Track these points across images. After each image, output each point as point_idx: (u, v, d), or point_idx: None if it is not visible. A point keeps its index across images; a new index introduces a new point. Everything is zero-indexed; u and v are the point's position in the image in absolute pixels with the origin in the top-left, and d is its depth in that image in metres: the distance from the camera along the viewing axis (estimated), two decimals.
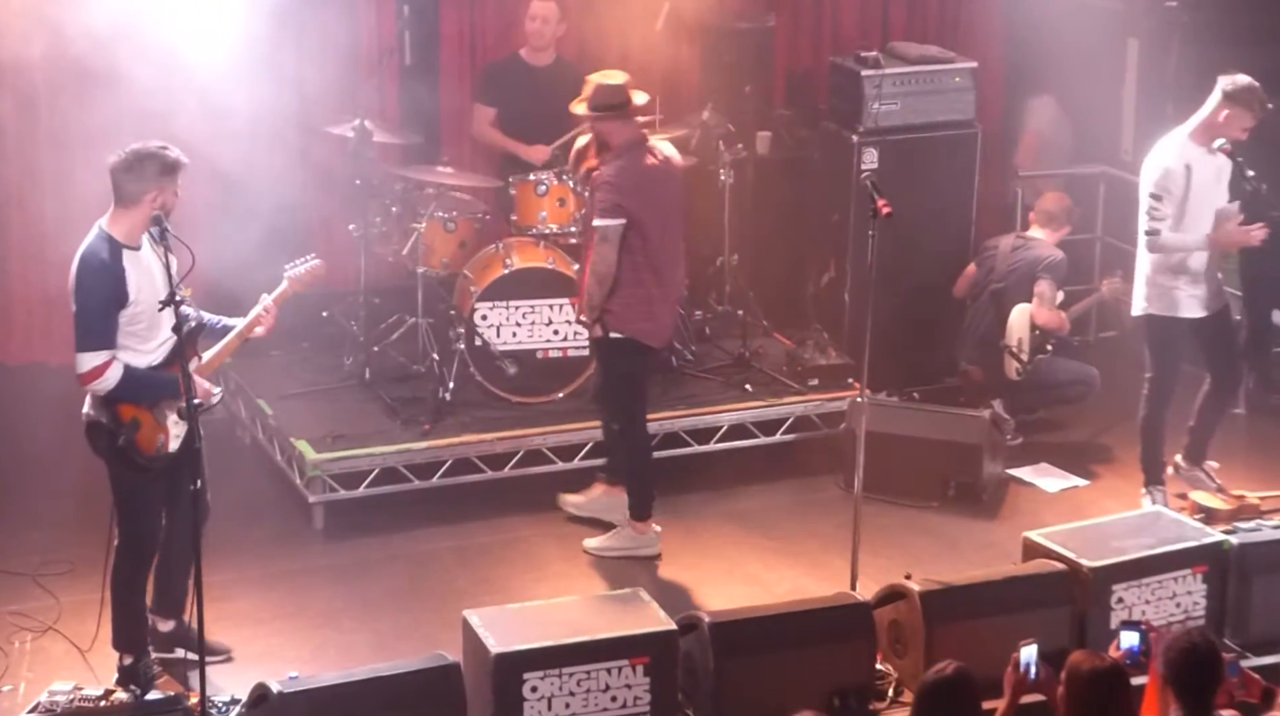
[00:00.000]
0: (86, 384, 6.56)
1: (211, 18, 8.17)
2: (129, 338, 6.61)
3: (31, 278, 9.40)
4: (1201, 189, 8.21)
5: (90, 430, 6.71)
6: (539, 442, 8.64)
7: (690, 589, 7.79)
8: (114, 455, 6.71)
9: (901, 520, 8.43)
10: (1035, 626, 6.81)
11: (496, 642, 6.42)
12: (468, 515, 8.43)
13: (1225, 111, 8.14)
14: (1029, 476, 8.96)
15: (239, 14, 8.25)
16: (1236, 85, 8.15)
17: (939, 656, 6.12)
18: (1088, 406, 9.53)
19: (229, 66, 8.14)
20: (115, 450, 6.67)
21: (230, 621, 7.36)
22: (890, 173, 9.12)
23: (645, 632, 6.59)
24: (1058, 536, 7.32)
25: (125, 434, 6.64)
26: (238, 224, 8.63)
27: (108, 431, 6.66)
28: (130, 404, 6.65)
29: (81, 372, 6.54)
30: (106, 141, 6.86)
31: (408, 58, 9.87)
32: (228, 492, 7.75)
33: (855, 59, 9.68)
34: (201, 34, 8.09)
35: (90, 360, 6.52)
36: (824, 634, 6.79)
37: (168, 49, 8.02)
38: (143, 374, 6.63)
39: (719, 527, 8.36)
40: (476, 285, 8.81)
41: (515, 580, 7.92)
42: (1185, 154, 8.19)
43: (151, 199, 6.56)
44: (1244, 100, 8.12)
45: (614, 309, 7.81)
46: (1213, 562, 7.25)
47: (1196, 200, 8.21)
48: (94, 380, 6.53)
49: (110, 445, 6.67)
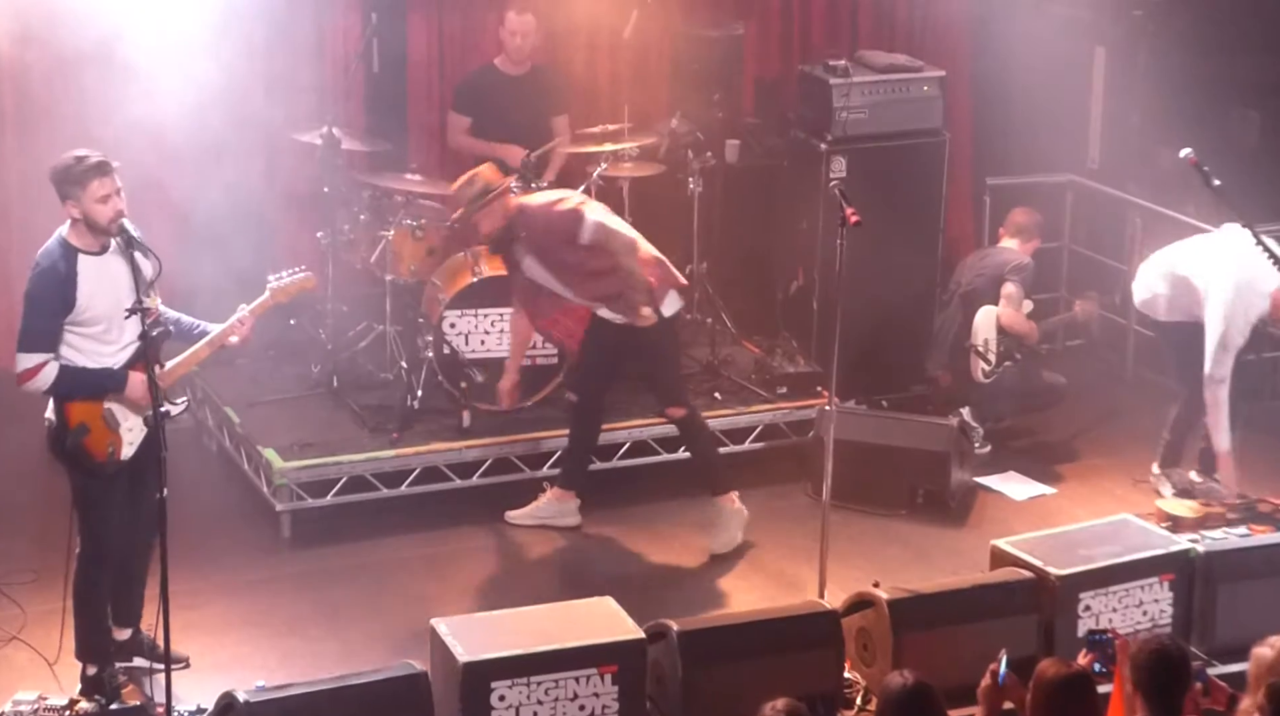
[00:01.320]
0: (21, 383, 6.60)
1: (178, 25, 8.15)
2: (86, 340, 6.61)
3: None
4: None
5: (48, 434, 6.72)
6: (507, 451, 8.63)
7: (659, 597, 7.78)
8: (67, 459, 6.70)
9: (870, 528, 8.44)
10: (1003, 634, 6.80)
11: (464, 651, 6.40)
12: (436, 523, 8.41)
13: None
14: (997, 484, 8.99)
15: (206, 21, 8.23)
16: None
17: (907, 665, 6.12)
18: (1056, 415, 9.56)
19: (196, 74, 8.12)
20: (67, 454, 6.67)
21: (196, 630, 7.33)
22: (859, 181, 9.13)
23: (613, 641, 6.58)
24: (1025, 544, 7.34)
25: (72, 437, 6.63)
26: (206, 231, 8.62)
27: (56, 433, 6.67)
28: (80, 405, 6.63)
29: (17, 372, 6.59)
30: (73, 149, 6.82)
31: (376, 65, 9.84)
32: (194, 501, 7.74)
33: (824, 67, 9.70)
34: (168, 42, 8.06)
35: (26, 361, 6.56)
36: (792, 642, 6.80)
37: (134, 57, 7.99)
38: (80, 371, 6.61)
39: (687, 536, 8.35)
40: (445, 293, 8.80)
41: (483, 588, 7.90)
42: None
43: (71, 206, 6.54)
44: None
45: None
46: (1179, 571, 7.27)
47: None
48: (28, 380, 6.57)
49: (60, 447, 6.68)
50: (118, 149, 6.81)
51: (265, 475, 8.36)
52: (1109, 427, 9.23)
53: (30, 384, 6.59)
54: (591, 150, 9.27)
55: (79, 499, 6.77)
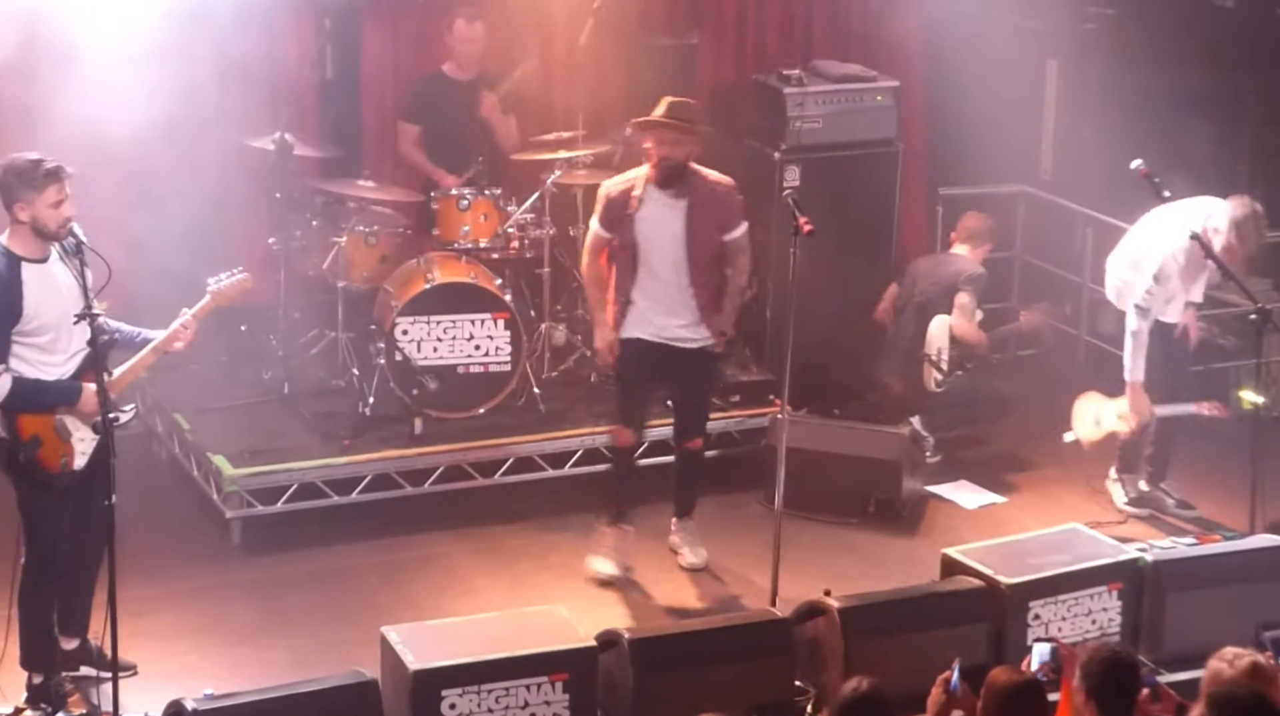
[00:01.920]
0: None
1: (129, 30, 8.10)
2: (32, 350, 6.53)
3: None
4: None
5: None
6: (460, 458, 8.61)
7: (610, 605, 7.77)
8: (16, 472, 6.61)
9: (822, 536, 8.46)
10: (954, 642, 6.85)
11: (415, 659, 6.38)
12: (387, 531, 8.39)
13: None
14: (948, 493, 9.02)
15: (157, 27, 8.19)
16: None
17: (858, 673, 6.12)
18: (1007, 424, 9.59)
19: (147, 79, 8.08)
20: (17, 467, 6.58)
21: (145, 637, 7.28)
22: (812, 190, 9.16)
23: (565, 649, 6.57)
24: (976, 553, 7.37)
25: (25, 451, 6.55)
26: (157, 236, 8.57)
27: (8, 448, 6.56)
28: (30, 418, 6.55)
29: None
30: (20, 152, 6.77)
31: (329, 71, 9.82)
32: (143, 508, 7.69)
33: (778, 77, 9.72)
34: (119, 46, 8.02)
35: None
36: (744, 650, 6.80)
37: (85, 62, 7.95)
38: (34, 383, 6.53)
39: (640, 543, 8.33)
40: (398, 300, 8.77)
41: (435, 596, 7.88)
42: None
43: (20, 209, 6.47)
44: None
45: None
46: (1128, 579, 7.31)
47: None
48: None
49: (11, 462, 6.58)
50: (66, 153, 6.75)
51: (215, 482, 8.31)
52: (1060, 437, 9.25)
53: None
54: (546, 157, 9.26)
55: (26, 509, 6.69)
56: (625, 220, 7.86)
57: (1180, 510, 8.74)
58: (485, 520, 8.54)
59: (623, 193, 7.89)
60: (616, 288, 7.97)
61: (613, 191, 7.94)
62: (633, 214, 7.83)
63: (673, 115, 7.80)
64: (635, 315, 7.94)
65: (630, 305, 7.93)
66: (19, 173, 6.47)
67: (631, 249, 7.87)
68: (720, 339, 8.01)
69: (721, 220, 7.89)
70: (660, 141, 7.79)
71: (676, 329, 7.92)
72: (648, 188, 7.85)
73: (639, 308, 7.92)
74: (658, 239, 7.84)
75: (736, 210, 7.97)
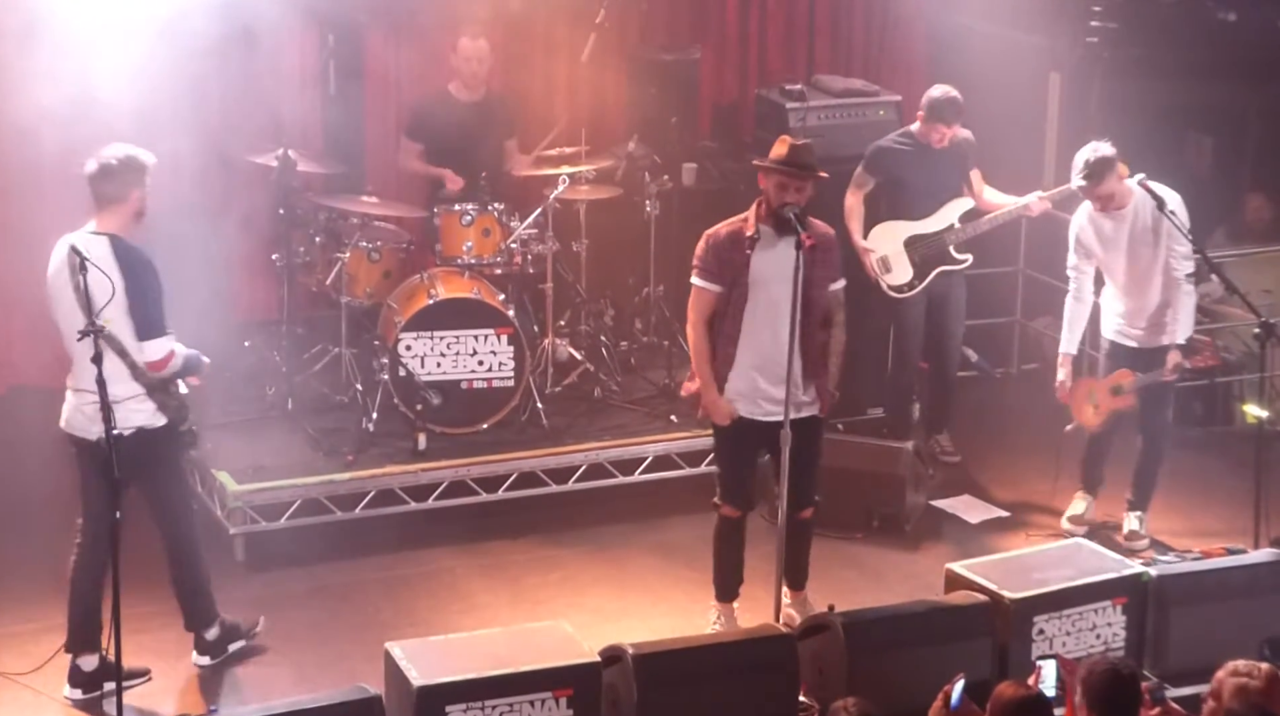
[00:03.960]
0: (159, 370, 6.92)
1: (134, 45, 8.11)
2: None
3: None
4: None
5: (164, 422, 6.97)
6: (463, 474, 8.61)
7: (614, 620, 7.77)
8: (177, 445, 7.10)
9: (825, 551, 8.43)
10: (957, 657, 6.84)
11: (419, 675, 6.38)
12: (391, 546, 8.39)
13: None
14: (951, 507, 9.01)
15: (163, 42, 8.20)
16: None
17: (861, 688, 6.13)
18: (1011, 437, 9.58)
19: (152, 95, 8.10)
20: (180, 438, 7.07)
21: (149, 653, 7.29)
22: (815, 205, 9.12)
23: (568, 665, 6.56)
24: (979, 568, 7.35)
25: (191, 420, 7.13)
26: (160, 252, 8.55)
27: (177, 417, 7.01)
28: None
29: (153, 360, 6.88)
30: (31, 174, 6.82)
31: (332, 87, 9.83)
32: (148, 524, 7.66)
33: (780, 91, 9.73)
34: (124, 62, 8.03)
35: (160, 347, 6.90)
36: (747, 665, 6.78)
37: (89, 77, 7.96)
38: (190, 353, 7.08)
39: (643, 559, 8.35)
40: (401, 315, 8.78)
41: (439, 612, 7.88)
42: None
43: (138, 198, 6.93)
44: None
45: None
46: (1132, 594, 7.29)
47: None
48: (167, 364, 6.93)
49: (172, 434, 7.01)
50: (68, 168, 6.79)
51: (219, 498, 8.32)
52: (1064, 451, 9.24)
53: (169, 368, 6.94)
54: (549, 173, 9.28)
55: (180, 486, 7.28)
56: (738, 261, 7.32)
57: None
58: (489, 535, 8.54)
59: (733, 233, 7.38)
60: (718, 339, 7.43)
61: (719, 233, 7.41)
62: (749, 255, 7.32)
63: (799, 160, 7.31)
64: (739, 379, 7.39)
65: (734, 362, 7.39)
66: (141, 163, 6.95)
67: (741, 294, 7.34)
68: (828, 404, 7.57)
69: (830, 269, 7.47)
70: (783, 187, 7.28)
71: (780, 395, 7.30)
72: (760, 228, 7.35)
73: (742, 365, 7.37)
74: (771, 281, 7.27)
75: (839, 260, 7.58)
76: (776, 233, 7.34)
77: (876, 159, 9.16)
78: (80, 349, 6.66)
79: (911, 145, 9.13)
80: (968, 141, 9.21)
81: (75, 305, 6.68)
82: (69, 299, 6.76)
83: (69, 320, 6.77)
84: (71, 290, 6.73)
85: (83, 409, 6.87)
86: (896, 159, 9.13)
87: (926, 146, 9.10)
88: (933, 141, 9.09)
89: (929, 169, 9.10)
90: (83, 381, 6.78)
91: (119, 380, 6.72)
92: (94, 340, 6.42)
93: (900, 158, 9.13)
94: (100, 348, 6.46)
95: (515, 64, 9.93)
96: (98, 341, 6.44)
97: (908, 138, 9.16)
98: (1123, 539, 8.55)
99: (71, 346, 6.81)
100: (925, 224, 9.15)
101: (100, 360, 6.45)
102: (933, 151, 9.10)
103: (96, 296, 6.58)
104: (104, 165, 6.88)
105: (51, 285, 6.91)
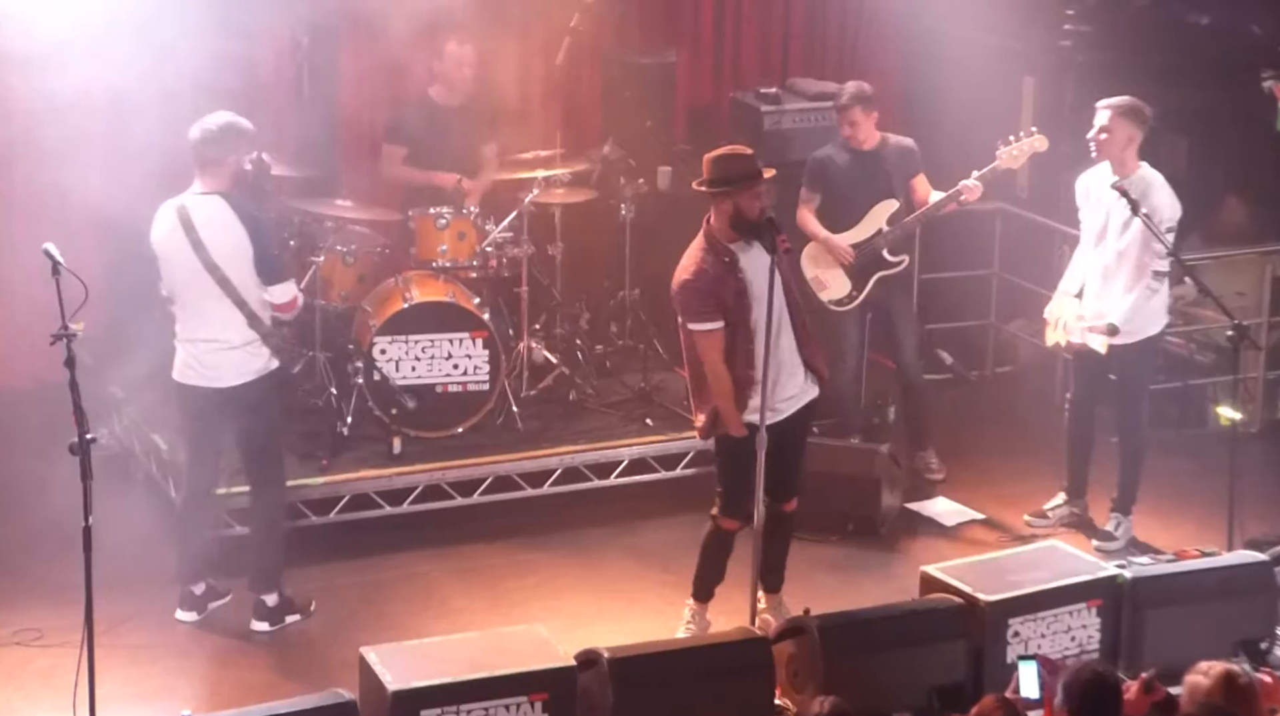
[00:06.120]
0: (290, 311, 7.59)
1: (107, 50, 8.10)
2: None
3: None
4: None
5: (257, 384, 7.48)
6: (438, 477, 8.59)
7: (590, 624, 7.76)
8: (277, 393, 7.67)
9: (801, 554, 8.42)
10: (933, 660, 6.88)
11: (394, 679, 6.36)
12: (366, 551, 8.37)
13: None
14: (926, 510, 9.02)
15: (135, 45, 8.18)
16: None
17: (837, 691, 6.13)
18: (985, 440, 9.60)
19: (124, 98, 8.08)
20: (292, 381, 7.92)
21: (123, 658, 7.27)
22: (790, 208, 9.16)
23: (544, 669, 6.55)
24: (955, 570, 7.36)
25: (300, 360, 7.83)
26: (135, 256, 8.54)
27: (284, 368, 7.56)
28: None
29: (284, 301, 7.50)
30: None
31: (306, 90, 9.81)
32: (121, 528, 7.63)
33: (755, 94, 9.75)
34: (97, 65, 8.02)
35: (288, 290, 7.54)
36: (723, 669, 6.79)
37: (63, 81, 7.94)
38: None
39: (619, 562, 8.34)
40: (375, 319, 8.76)
41: (414, 616, 7.86)
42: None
43: (235, 161, 7.50)
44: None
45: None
46: (1107, 596, 7.31)
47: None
48: (294, 306, 7.58)
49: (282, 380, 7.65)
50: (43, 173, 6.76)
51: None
52: (1038, 453, 9.28)
53: (295, 309, 7.61)
54: (524, 176, 9.27)
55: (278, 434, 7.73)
56: (733, 288, 7.25)
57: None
58: (464, 539, 8.53)
59: (713, 265, 7.28)
60: (736, 367, 7.28)
61: (698, 273, 7.26)
62: (742, 278, 7.24)
63: (759, 166, 7.37)
64: (757, 391, 7.22)
65: (751, 382, 7.25)
66: (244, 127, 7.53)
67: (744, 317, 7.26)
68: (822, 380, 7.54)
69: (793, 260, 7.66)
70: (756, 196, 7.28)
71: (793, 390, 7.38)
72: (731, 247, 7.31)
73: (756, 380, 7.22)
74: (764, 291, 7.16)
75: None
76: (747, 243, 7.31)
77: (812, 171, 9.12)
78: (200, 299, 7.37)
79: (840, 150, 9.08)
80: (907, 148, 9.12)
81: (192, 260, 7.34)
82: (184, 255, 7.37)
83: (184, 274, 7.40)
84: (190, 247, 7.34)
85: (203, 358, 7.45)
86: (826, 168, 9.09)
87: (857, 151, 9.03)
88: (856, 140, 8.99)
89: (856, 174, 9.01)
90: (200, 332, 7.42)
91: (234, 327, 7.38)
92: (66, 344, 6.38)
93: (830, 166, 9.08)
94: (71, 352, 6.41)
95: (490, 67, 9.91)
96: (69, 346, 6.39)
97: (836, 144, 9.12)
98: (1097, 540, 8.57)
99: (187, 299, 7.45)
100: (853, 233, 9.09)
101: (73, 364, 6.41)
102: (863, 155, 9.02)
103: (225, 253, 7.32)
104: (206, 130, 7.44)
105: (163, 247, 7.47)
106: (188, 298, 7.48)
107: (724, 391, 7.30)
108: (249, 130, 7.57)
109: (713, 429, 7.45)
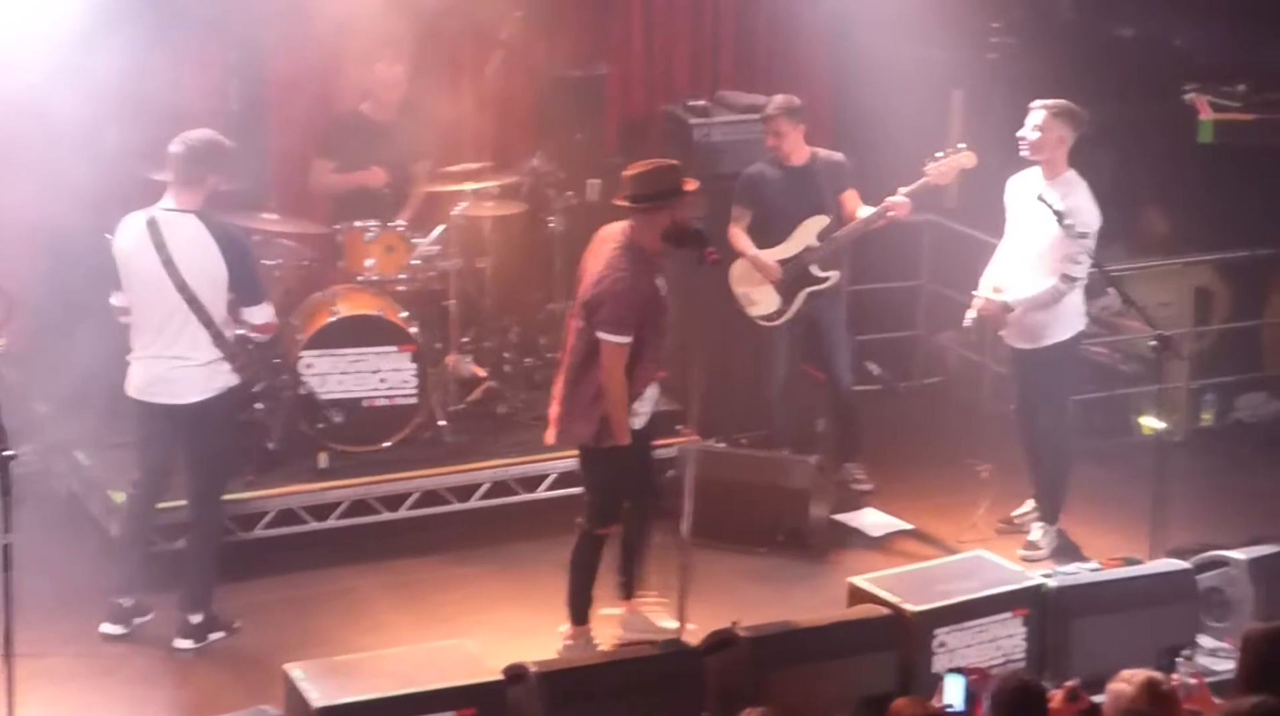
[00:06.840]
0: (269, 332, 7.70)
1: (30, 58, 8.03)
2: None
3: None
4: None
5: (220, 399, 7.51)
6: (365, 492, 8.56)
7: (519, 638, 7.73)
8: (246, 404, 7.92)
9: (730, 566, 8.47)
10: (862, 671, 6.90)
11: (319, 696, 6.32)
12: (294, 566, 8.32)
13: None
14: (854, 521, 9.05)
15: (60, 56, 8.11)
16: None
17: (766, 703, 6.13)
18: (912, 450, 9.64)
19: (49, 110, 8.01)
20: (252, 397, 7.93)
21: (43, 679, 7.18)
22: (719, 220, 9.18)
23: (472, 684, 6.53)
24: (882, 581, 7.39)
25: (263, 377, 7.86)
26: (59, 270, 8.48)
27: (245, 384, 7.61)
28: None
29: (264, 323, 7.60)
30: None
31: (234, 103, 9.74)
32: (42, 546, 7.57)
33: (685, 107, 9.75)
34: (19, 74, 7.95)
35: (270, 309, 7.65)
36: (652, 682, 6.79)
37: None
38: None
39: (548, 576, 8.29)
40: (303, 333, 8.72)
41: (343, 631, 7.82)
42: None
43: (215, 181, 7.47)
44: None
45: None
46: (1033, 605, 7.36)
47: None
48: (274, 326, 7.73)
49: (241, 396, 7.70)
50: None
51: (115, 519, 8.19)
52: (965, 464, 9.32)
53: (274, 330, 7.74)
54: (453, 189, 9.24)
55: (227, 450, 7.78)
56: (657, 303, 7.44)
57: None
58: (394, 554, 8.50)
59: (648, 280, 7.38)
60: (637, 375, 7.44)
61: (632, 286, 7.33)
62: (662, 294, 7.45)
63: (685, 179, 7.50)
64: (647, 399, 7.57)
65: (638, 394, 7.48)
66: (223, 147, 7.55)
67: (654, 326, 7.43)
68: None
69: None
70: (685, 206, 7.45)
71: (654, 392, 7.64)
72: (653, 261, 7.44)
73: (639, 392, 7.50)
74: (669, 304, 7.51)
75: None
76: (673, 251, 7.40)
77: (743, 188, 9.15)
78: (166, 317, 7.34)
79: (771, 167, 9.10)
80: (838, 163, 9.16)
81: (161, 277, 7.31)
82: (152, 272, 7.33)
83: (149, 290, 7.37)
84: (159, 264, 7.30)
85: (164, 375, 7.44)
86: (758, 185, 9.11)
87: (788, 167, 9.06)
88: (781, 153, 9.03)
89: (787, 190, 9.05)
90: (163, 348, 7.41)
91: (201, 346, 7.39)
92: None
93: (761, 182, 9.10)
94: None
95: (420, 83, 9.87)
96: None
97: (767, 160, 9.14)
98: (1022, 549, 8.62)
99: (151, 315, 7.41)
100: (781, 249, 9.11)
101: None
102: (793, 171, 9.06)
103: (195, 271, 7.31)
104: (190, 147, 7.47)
105: (129, 261, 7.42)
106: (152, 315, 7.43)
107: (620, 400, 7.37)
108: (231, 150, 7.58)
109: (600, 437, 7.47)
